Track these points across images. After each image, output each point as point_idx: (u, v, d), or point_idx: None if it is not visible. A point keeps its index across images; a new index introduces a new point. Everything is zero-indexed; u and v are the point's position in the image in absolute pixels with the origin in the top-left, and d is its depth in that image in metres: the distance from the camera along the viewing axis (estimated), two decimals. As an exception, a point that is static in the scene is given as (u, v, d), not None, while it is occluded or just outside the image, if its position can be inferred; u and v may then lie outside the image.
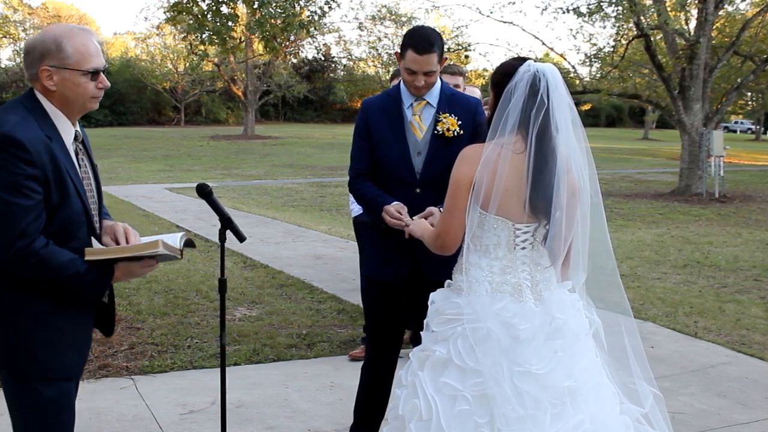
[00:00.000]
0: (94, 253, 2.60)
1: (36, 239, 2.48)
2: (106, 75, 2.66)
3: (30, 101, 2.60)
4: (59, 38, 2.55)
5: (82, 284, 2.58)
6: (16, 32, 48.36)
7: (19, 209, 2.43)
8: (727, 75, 23.90)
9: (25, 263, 2.47)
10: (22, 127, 2.48)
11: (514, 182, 2.80)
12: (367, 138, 3.72)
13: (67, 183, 2.54)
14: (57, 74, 2.56)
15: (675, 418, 4.35)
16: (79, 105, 2.64)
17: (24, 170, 2.43)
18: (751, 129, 68.30)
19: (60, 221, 2.55)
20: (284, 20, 29.08)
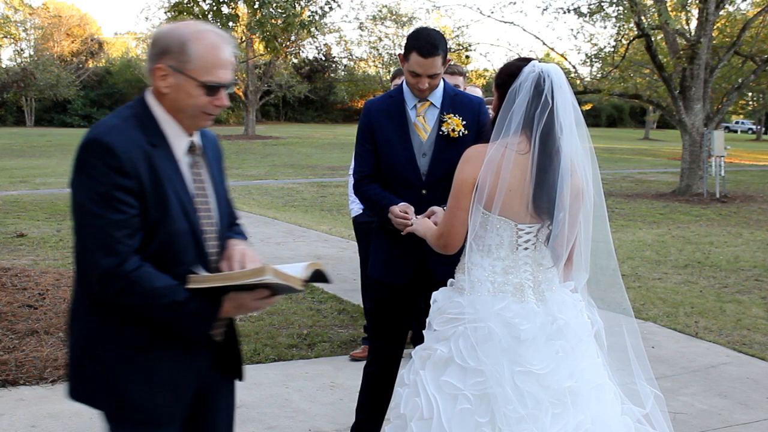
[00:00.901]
0: (197, 280, 2.20)
1: (127, 259, 2.12)
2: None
3: (138, 104, 2.29)
4: (186, 38, 2.21)
5: (182, 315, 2.20)
6: (17, 32, 48.41)
7: (107, 223, 2.11)
8: (728, 75, 23.92)
9: (113, 286, 2.13)
10: (117, 131, 2.16)
11: (518, 183, 2.80)
12: (371, 140, 3.71)
13: (168, 198, 2.19)
14: (172, 77, 2.22)
15: (676, 419, 4.36)
16: (189, 117, 2.28)
17: (114, 180, 2.10)
18: (752, 129, 68.29)
19: (160, 242, 2.20)
20: (285, 20, 29.10)
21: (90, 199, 2.11)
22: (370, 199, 3.73)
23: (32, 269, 7.98)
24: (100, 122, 2.24)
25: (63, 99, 55.56)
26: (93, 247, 2.12)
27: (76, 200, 2.16)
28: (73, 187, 2.17)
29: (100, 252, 2.11)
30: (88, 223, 2.13)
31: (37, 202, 14.57)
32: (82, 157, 2.15)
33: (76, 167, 2.16)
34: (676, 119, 18.62)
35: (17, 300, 6.56)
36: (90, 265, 2.14)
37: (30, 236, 10.51)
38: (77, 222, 2.17)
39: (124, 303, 2.17)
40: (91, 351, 2.25)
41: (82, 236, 2.15)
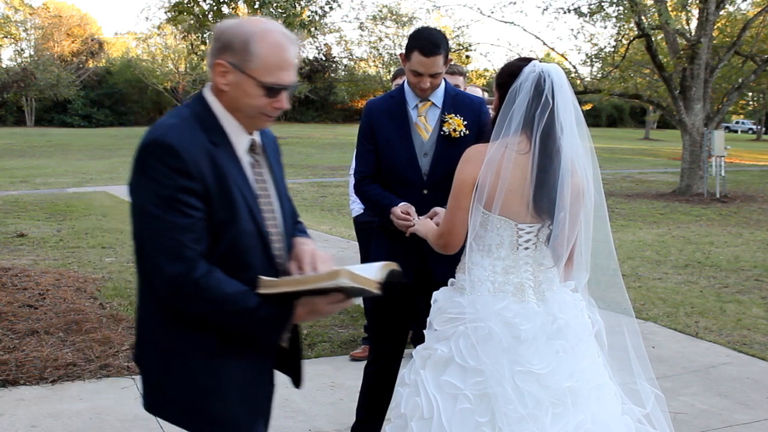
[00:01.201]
0: (268, 285, 2.08)
1: (196, 265, 2.02)
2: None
3: (198, 101, 2.20)
4: (250, 35, 2.09)
5: (253, 322, 2.09)
6: (17, 32, 48.42)
7: (173, 228, 2.01)
8: (728, 75, 23.91)
9: (181, 293, 2.03)
10: (178, 130, 2.07)
11: (518, 182, 2.80)
12: (372, 140, 3.71)
13: (234, 198, 2.10)
14: (232, 74, 2.12)
15: (676, 419, 4.36)
16: (247, 117, 2.19)
17: (177, 181, 2.01)
18: (752, 129, 68.28)
19: (226, 245, 2.10)
20: (285, 20, 29.12)
21: (153, 203, 2.02)
22: (370, 199, 3.74)
23: (32, 269, 7.99)
24: (159, 122, 2.13)
25: (63, 99, 55.57)
26: (158, 253, 2.02)
27: (137, 204, 2.07)
28: (133, 190, 2.09)
29: (167, 258, 2.01)
30: (152, 228, 2.03)
31: (37, 202, 14.57)
32: (143, 158, 2.05)
33: (137, 169, 2.07)
34: (677, 119, 18.62)
35: (17, 300, 6.56)
36: (156, 272, 2.04)
37: (30, 236, 10.51)
38: (139, 227, 2.08)
39: (193, 311, 2.08)
40: (164, 361, 2.15)
41: (146, 242, 2.06)
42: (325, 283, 2.03)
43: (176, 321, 2.12)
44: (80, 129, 54.09)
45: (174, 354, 2.14)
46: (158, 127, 2.10)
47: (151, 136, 2.07)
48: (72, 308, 6.42)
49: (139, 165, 2.07)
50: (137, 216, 2.09)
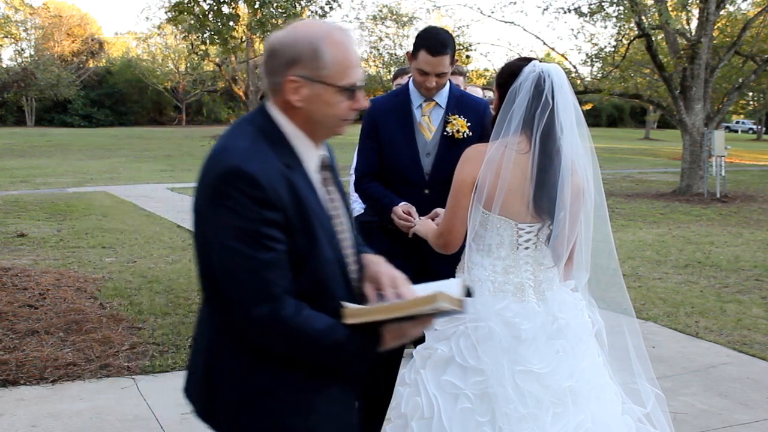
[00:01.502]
0: (356, 314, 1.94)
1: (283, 303, 1.87)
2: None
3: (263, 119, 2.01)
4: (316, 41, 1.95)
5: (343, 356, 1.98)
6: (17, 32, 48.40)
7: (258, 265, 1.84)
8: (729, 75, 23.92)
9: (270, 334, 1.89)
10: (254, 156, 1.89)
11: (518, 182, 2.80)
12: (375, 138, 3.71)
13: (314, 225, 1.95)
14: (307, 87, 1.95)
15: (676, 418, 4.36)
16: (326, 128, 2.04)
17: (260, 214, 1.84)
18: (752, 129, 68.27)
19: (309, 276, 1.95)
20: (285, 20, 29.10)
21: (234, 238, 1.83)
22: (370, 197, 3.73)
23: (33, 269, 7.99)
24: (229, 145, 1.94)
25: (63, 99, 55.56)
26: (242, 293, 1.85)
27: (213, 238, 1.88)
28: (206, 223, 1.90)
29: (254, 298, 1.85)
30: (234, 265, 1.84)
31: (37, 202, 14.57)
32: (220, 189, 1.86)
33: (212, 200, 1.88)
34: (677, 119, 18.62)
35: (18, 300, 6.57)
36: (240, 313, 1.87)
37: (30, 236, 10.51)
38: (217, 263, 1.88)
39: (281, 350, 1.93)
40: (250, 404, 1.98)
41: (226, 280, 1.87)
42: (423, 308, 1.92)
43: (262, 359, 1.95)
44: (80, 129, 54.10)
45: (261, 394, 1.97)
46: (231, 151, 1.91)
47: (227, 163, 1.87)
48: (72, 308, 6.43)
49: (216, 195, 1.87)
50: (214, 251, 1.88)
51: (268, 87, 2.01)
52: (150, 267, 8.52)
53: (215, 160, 1.93)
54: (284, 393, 1.98)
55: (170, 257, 9.18)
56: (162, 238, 10.60)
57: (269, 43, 2.00)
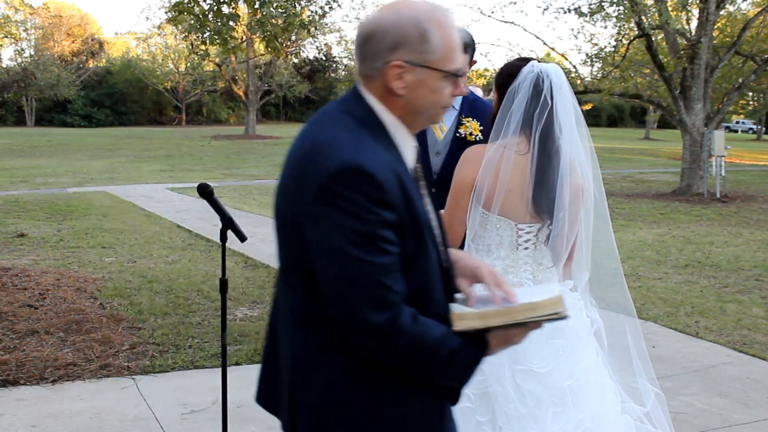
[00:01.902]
0: (466, 318, 1.80)
1: (401, 311, 1.71)
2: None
3: (360, 108, 1.83)
4: (423, 23, 1.77)
5: (456, 367, 1.81)
6: (17, 32, 48.34)
7: (375, 270, 1.68)
8: (729, 75, 23.93)
9: (389, 345, 1.71)
10: (364, 149, 1.72)
11: (518, 182, 2.80)
12: None
13: (421, 224, 1.79)
14: (411, 73, 1.78)
15: (676, 418, 4.35)
16: (426, 116, 1.88)
17: (379, 215, 1.68)
18: (752, 129, 68.27)
19: (417, 280, 1.78)
20: (285, 20, 29.11)
21: (350, 242, 1.66)
22: None
23: (33, 269, 7.99)
24: (331, 138, 1.75)
25: (63, 99, 55.60)
26: (359, 301, 1.68)
27: (325, 242, 1.70)
28: (317, 224, 1.71)
29: (371, 306, 1.68)
30: (350, 271, 1.68)
31: (37, 202, 14.57)
32: (333, 188, 1.67)
33: (322, 200, 1.69)
34: (677, 119, 18.62)
35: (18, 300, 6.57)
36: (356, 322, 1.70)
37: (30, 236, 10.52)
38: (331, 269, 1.71)
39: (396, 363, 1.76)
40: (349, 419, 1.81)
41: (339, 286, 1.70)
42: (539, 313, 1.79)
43: (366, 371, 1.79)
44: (80, 129, 54.12)
45: (362, 409, 1.81)
46: (338, 145, 1.72)
47: (338, 159, 1.69)
48: (72, 308, 6.43)
49: (328, 196, 1.68)
50: (326, 256, 1.70)
51: (363, 73, 1.84)
52: (150, 267, 8.52)
53: (319, 155, 1.72)
54: (387, 407, 1.81)
55: (170, 257, 9.18)
56: (162, 238, 10.60)
57: (366, 26, 1.83)
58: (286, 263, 1.87)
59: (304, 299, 1.81)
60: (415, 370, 1.78)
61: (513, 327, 1.81)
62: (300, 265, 1.79)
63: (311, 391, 1.82)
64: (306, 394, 1.83)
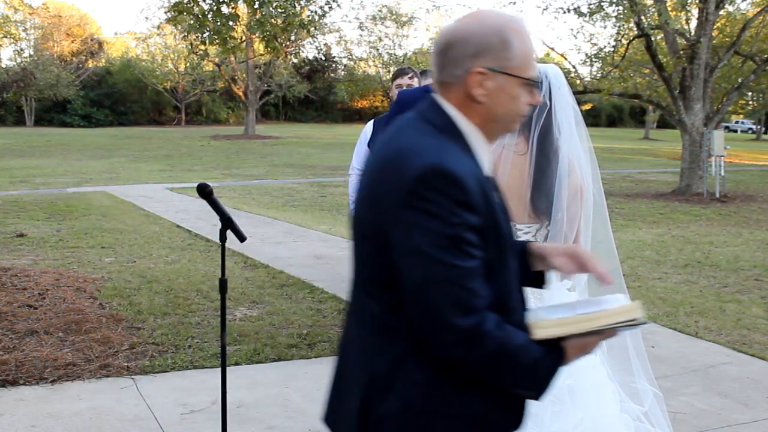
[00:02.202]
0: (545, 326, 1.78)
1: (487, 317, 1.69)
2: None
3: (438, 116, 1.83)
4: (504, 31, 1.80)
5: (538, 375, 1.78)
6: (16, 32, 48.32)
7: (461, 274, 1.67)
8: (728, 75, 23.91)
9: (473, 351, 1.69)
10: (449, 155, 1.72)
11: (516, 183, 2.80)
12: None
13: (502, 233, 1.79)
14: (492, 80, 1.80)
15: (676, 418, 4.36)
16: (503, 125, 1.89)
17: (464, 218, 1.67)
18: (752, 129, 68.29)
19: (496, 289, 1.76)
20: (285, 20, 29.11)
21: (436, 245, 1.65)
22: None
23: (32, 269, 7.99)
24: (413, 144, 1.76)
25: (63, 99, 55.58)
26: (445, 305, 1.67)
27: (410, 245, 1.69)
28: (403, 229, 1.69)
29: (457, 310, 1.66)
30: (436, 275, 1.66)
31: (36, 202, 14.57)
32: (418, 192, 1.67)
33: (407, 204, 1.68)
34: (676, 119, 18.62)
35: (17, 300, 6.57)
36: (441, 327, 1.68)
37: (30, 236, 10.52)
38: (417, 273, 1.69)
39: (481, 371, 1.74)
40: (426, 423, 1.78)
41: (424, 291, 1.68)
42: (618, 320, 1.78)
43: (447, 380, 1.77)
44: (80, 129, 54.12)
45: (442, 418, 1.78)
46: (422, 150, 1.73)
47: (423, 162, 1.69)
48: (71, 308, 6.43)
49: (413, 199, 1.67)
50: (411, 260, 1.69)
51: (441, 80, 1.84)
52: (149, 267, 8.52)
53: (403, 160, 1.72)
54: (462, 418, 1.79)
55: (169, 257, 9.19)
56: (161, 238, 10.61)
57: (447, 35, 1.84)
58: (365, 275, 1.87)
59: (383, 310, 1.79)
60: (496, 377, 1.76)
61: (589, 335, 1.80)
62: (381, 276, 1.79)
63: (391, 401, 1.79)
64: (385, 404, 1.80)
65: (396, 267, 1.72)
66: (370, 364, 1.83)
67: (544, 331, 1.76)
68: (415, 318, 1.72)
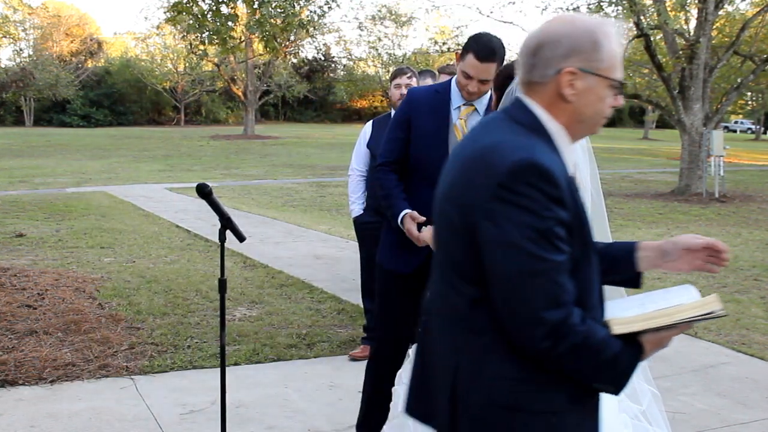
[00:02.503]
0: (624, 322, 1.82)
1: (573, 311, 1.74)
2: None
3: (525, 115, 1.88)
4: (596, 33, 1.86)
5: (617, 371, 1.82)
6: (16, 32, 48.28)
7: (551, 268, 1.71)
8: (727, 75, 23.94)
9: (561, 345, 1.72)
10: (540, 151, 1.77)
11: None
12: (406, 129, 3.67)
13: (586, 231, 1.85)
14: (582, 80, 1.85)
15: (675, 418, 4.36)
16: (588, 126, 1.93)
17: (556, 213, 1.72)
18: (751, 129, 68.31)
19: (580, 285, 1.80)
20: (284, 20, 29.10)
21: (528, 238, 1.70)
22: (384, 188, 3.69)
23: (31, 269, 7.98)
24: (504, 141, 1.81)
25: (62, 99, 55.55)
26: (535, 298, 1.71)
27: (502, 238, 1.72)
28: (494, 222, 1.73)
29: (546, 303, 1.71)
30: (526, 268, 1.70)
31: (36, 202, 14.57)
32: (510, 185, 1.72)
33: (501, 197, 1.73)
34: (675, 119, 18.63)
35: (16, 300, 6.56)
36: (530, 320, 1.72)
37: (29, 236, 10.51)
38: (505, 266, 1.73)
39: (565, 365, 1.77)
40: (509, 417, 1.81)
41: (516, 284, 1.73)
42: (699, 312, 1.82)
43: (532, 374, 1.80)
44: (79, 129, 54.09)
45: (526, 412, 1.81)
46: (513, 146, 1.77)
47: (516, 157, 1.73)
48: (71, 308, 6.42)
49: (505, 193, 1.72)
50: (501, 253, 1.73)
51: (529, 80, 1.90)
52: (149, 267, 8.52)
53: (495, 155, 1.77)
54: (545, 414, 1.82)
55: (169, 257, 9.18)
56: (161, 238, 10.60)
57: (538, 36, 1.89)
58: (450, 269, 1.90)
59: (468, 304, 1.84)
60: (578, 371, 1.80)
61: (665, 329, 1.85)
62: (466, 270, 1.83)
63: (477, 393, 1.83)
64: (471, 397, 1.84)
65: (485, 260, 1.76)
66: (455, 359, 1.86)
67: (623, 326, 1.80)
68: (504, 310, 1.76)
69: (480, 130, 1.92)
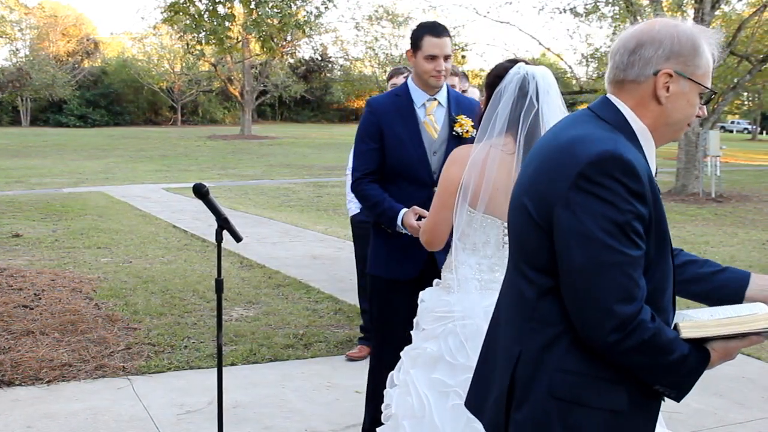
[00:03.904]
0: (693, 326, 1.80)
1: (644, 308, 1.72)
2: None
3: (611, 113, 1.88)
4: (697, 39, 1.87)
5: (682, 374, 1.81)
6: (12, 32, 48.26)
7: (626, 262, 1.70)
8: (724, 75, 23.93)
9: (629, 340, 1.70)
10: (623, 146, 1.76)
11: (503, 181, 2.82)
12: (378, 139, 3.67)
13: (664, 230, 1.83)
14: (677, 84, 1.85)
15: (671, 418, 4.36)
16: (673, 130, 1.93)
17: (635, 207, 1.71)
18: (747, 129, 68.42)
19: (652, 284, 1.79)
20: (281, 20, 29.08)
21: (605, 231, 1.69)
22: (369, 199, 3.68)
23: (28, 269, 7.97)
24: (587, 134, 1.80)
25: (59, 99, 55.53)
26: (608, 290, 1.70)
27: (578, 229, 1.72)
28: (571, 211, 1.73)
29: (618, 297, 1.69)
30: (601, 260, 1.69)
31: (32, 203, 14.55)
32: (591, 176, 1.71)
33: (581, 187, 1.72)
34: (672, 119, 18.65)
35: (13, 300, 6.55)
36: (601, 312, 1.70)
37: (26, 236, 10.50)
38: (581, 256, 1.72)
39: (630, 359, 1.75)
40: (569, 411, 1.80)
41: (589, 274, 1.71)
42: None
43: (591, 370, 1.79)
44: (76, 129, 54.02)
45: (581, 407, 1.80)
46: (596, 139, 1.77)
47: (598, 149, 1.73)
48: (67, 309, 6.42)
49: (585, 183, 1.72)
50: (577, 243, 1.72)
51: (623, 78, 1.89)
52: (145, 267, 8.51)
53: (577, 146, 1.77)
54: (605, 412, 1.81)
55: (165, 257, 9.18)
56: (157, 239, 10.59)
57: (638, 35, 1.89)
58: (522, 259, 1.91)
59: (537, 294, 1.84)
60: (643, 369, 1.78)
61: (735, 338, 1.83)
62: (538, 260, 1.84)
63: (537, 386, 1.82)
64: (530, 386, 1.83)
65: (559, 249, 1.76)
66: (518, 348, 1.87)
67: (694, 330, 1.79)
68: (574, 301, 1.76)
69: (564, 125, 1.91)
